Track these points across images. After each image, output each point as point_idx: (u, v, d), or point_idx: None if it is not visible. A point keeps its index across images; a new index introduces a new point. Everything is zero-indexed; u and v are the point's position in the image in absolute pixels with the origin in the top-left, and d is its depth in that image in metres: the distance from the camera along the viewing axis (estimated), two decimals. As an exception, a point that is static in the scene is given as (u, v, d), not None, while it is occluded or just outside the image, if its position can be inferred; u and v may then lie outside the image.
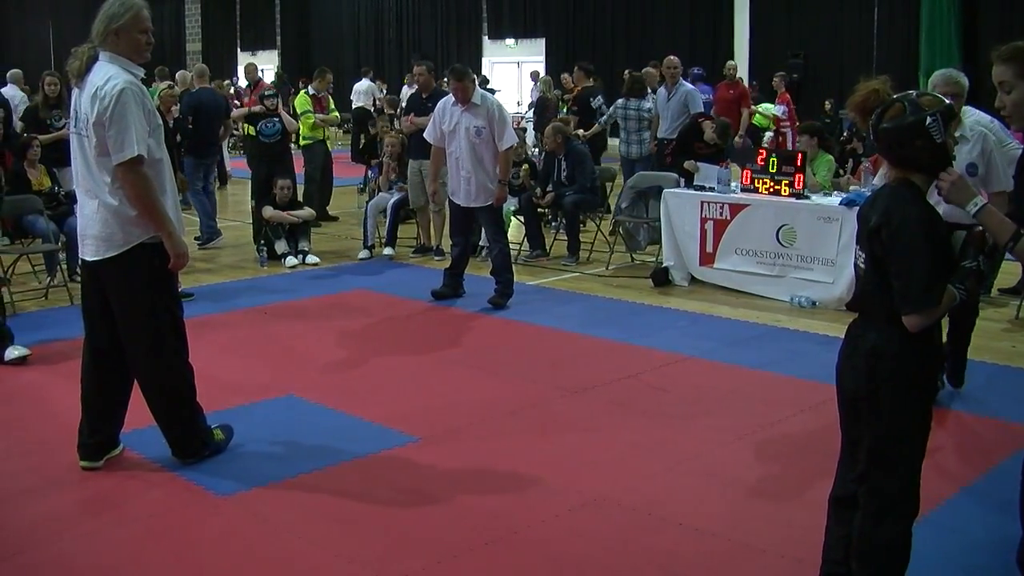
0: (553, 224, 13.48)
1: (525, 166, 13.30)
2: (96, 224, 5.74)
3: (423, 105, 12.46)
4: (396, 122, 17.95)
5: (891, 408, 3.96)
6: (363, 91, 25.29)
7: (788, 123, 20.17)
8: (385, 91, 27.59)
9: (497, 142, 9.94)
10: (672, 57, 14.81)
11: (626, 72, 17.88)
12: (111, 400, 6.11)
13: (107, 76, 5.58)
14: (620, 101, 14.73)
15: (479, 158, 9.96)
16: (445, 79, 13.83)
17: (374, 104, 25.67)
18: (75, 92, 5.82)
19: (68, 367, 8.23)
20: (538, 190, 12.60)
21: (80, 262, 6.12)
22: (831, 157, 11.27)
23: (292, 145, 13.96)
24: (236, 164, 20.01)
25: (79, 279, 9.99)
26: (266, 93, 13.82)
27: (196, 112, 13.57)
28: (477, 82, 11.06)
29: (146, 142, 5.60)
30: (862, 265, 4.09)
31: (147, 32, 5.80)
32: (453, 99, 10.09)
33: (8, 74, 19.27)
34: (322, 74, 15.97)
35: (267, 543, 5.14)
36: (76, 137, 5.78)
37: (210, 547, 5.11)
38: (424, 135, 10.53)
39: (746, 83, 26.07)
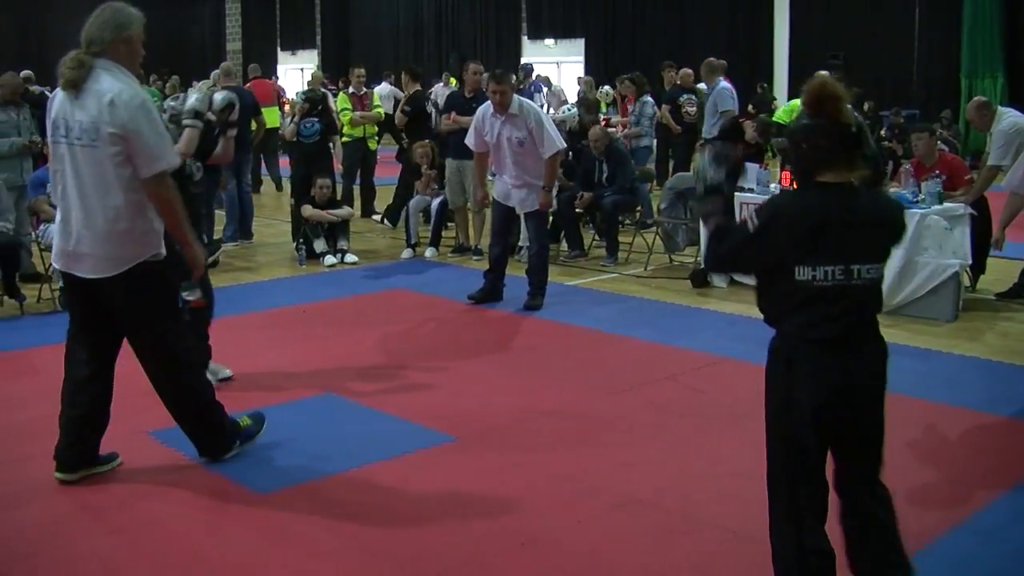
0: (590, 225, 13.49)
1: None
2: (99, 240, 5.55)
3: (467, 104, 12.47)
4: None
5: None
6: (384, 95, 25.26)
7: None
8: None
9: (540, 150, 9.83)
10: (708, 59, 14.83)
11: (680, 72, 17.91)
12: (99, 415, 6.04)
13: (119, 86, 5.43)
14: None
15: (524, 168, 9.93)
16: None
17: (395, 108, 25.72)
18: (60, 100, 5.59)
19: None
20: (581, 194, 12.55)
21: (66, 277, 5.85)
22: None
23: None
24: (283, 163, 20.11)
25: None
26: (305, 95, 13.86)
27: None
28: (530, 81, 11.05)
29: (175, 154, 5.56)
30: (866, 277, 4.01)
31: (144, 44, 5.75)
32: (492, 108, 9.99)
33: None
34: (352, 71, 16.08)
35: (303, 540, 5.17)
36: (68, 148, 5.53)
37: (247, 544, 5.14)
38: (466, 141, 10.48)
39: (785, 85, 26.07)
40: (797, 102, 19.92)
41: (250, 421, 6.32)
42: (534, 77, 24.84)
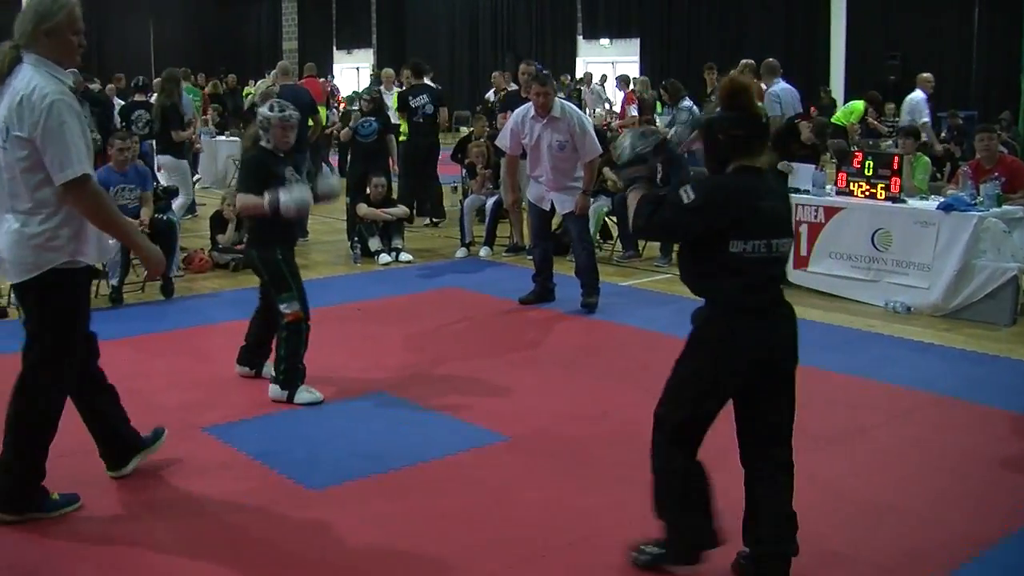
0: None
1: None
2: (10, 245, 5.12)
3: (522, 104, 12.50)
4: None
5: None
6: None
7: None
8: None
9: (580, 154, 9.77)
10: (767, 60, 14.73)
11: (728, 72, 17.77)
12: (114, 412, 5.95)
13: (34, 84, 4.93)
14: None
15: (562, 172, 9.88)
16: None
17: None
18: None
19: (165, 360, 8.42)
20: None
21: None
22: (928, 160, 11.13)
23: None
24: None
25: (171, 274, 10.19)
26: (363, 95, 13.95)
27: None
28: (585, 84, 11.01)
29: (90, 159, 5.09)
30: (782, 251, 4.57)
31: (80, 33, 5.23)
32: (532, 111, 9.91)
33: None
34: (403, 71, 16.18)
35: (355, 537, 5.19)
36: None
37: (299, 540, 5.18)
38: (497, 142, 10.43)
39: (842, 86, 25.87)
40: (858, 104, 19.81)
41: (58, 497, 5.49)
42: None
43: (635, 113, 18.12)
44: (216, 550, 5.07)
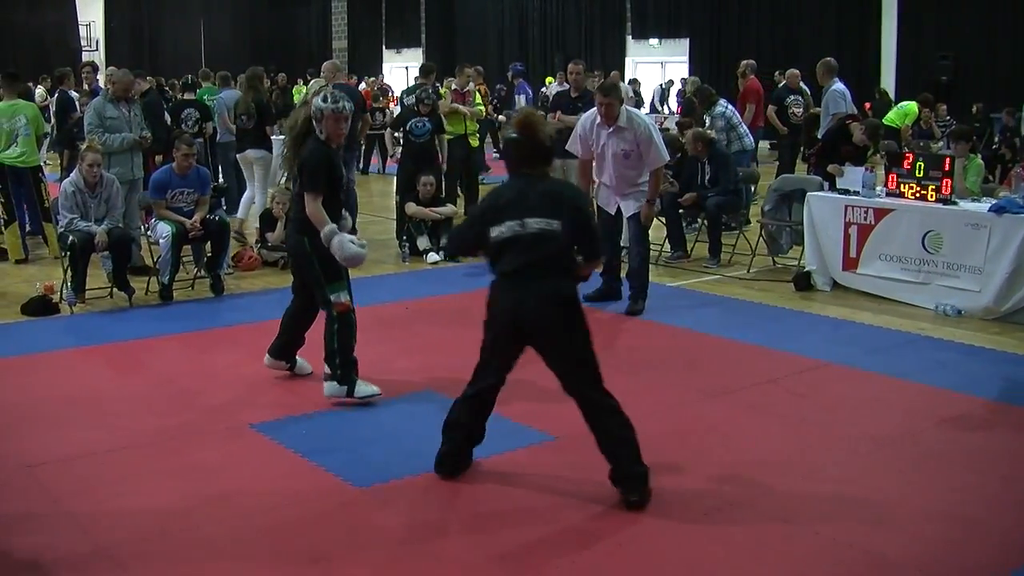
0: (693, 226, 13.44)
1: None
2: None
3: (572, 104, 12.52)
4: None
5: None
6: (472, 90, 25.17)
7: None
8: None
9: (646, 163, 9.70)
10: (825, 59, 14.65)
11: (776, 73, 17.67)
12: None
13: None
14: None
15: (628, 180, 9.85)
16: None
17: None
18: None
19: (214, 357, 8.48)
20: (685, 195, 12.49)
21: None
22: (981, 163, 11.04)
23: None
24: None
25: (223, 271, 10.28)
26: (422, 96, 13.97)
27: None
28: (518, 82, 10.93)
29: None
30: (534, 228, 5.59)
31: None
32: (598, 117, 9.82)
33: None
34: (461, 71, 16.20)
35: (401, 535, 5.22)
36: None
37: (347, 538, 5.20)
38: (568, 147, 10.38)
39: (893, 86, 25.65)
40: (912, 105, 19.62)
41: None
42: (521, 79, 24.74)
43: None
44: (264, 547, 5.11)
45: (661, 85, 31.76)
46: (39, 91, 20.54)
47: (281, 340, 7.78)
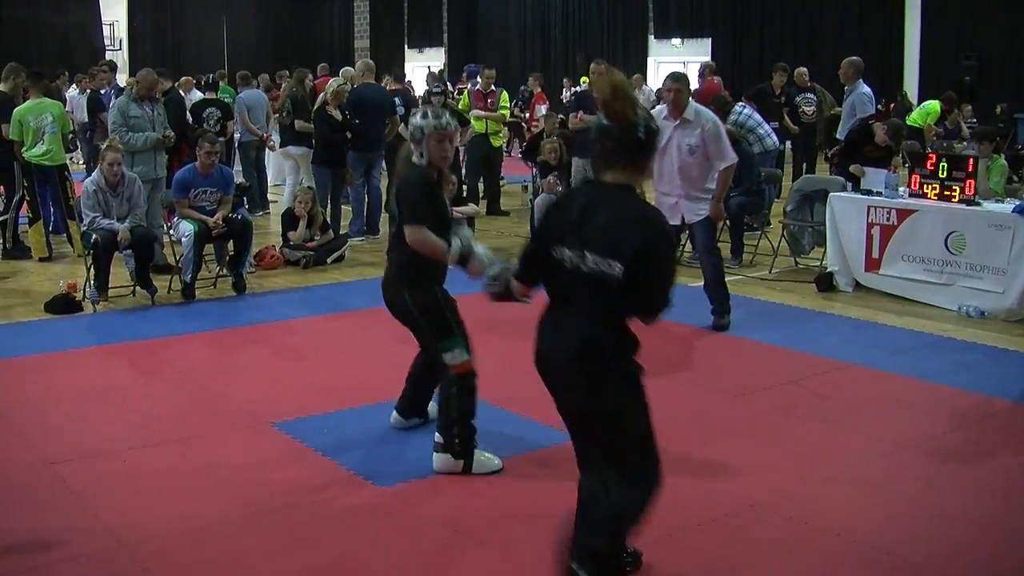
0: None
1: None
2: None
3: (595, 104, 12.49)
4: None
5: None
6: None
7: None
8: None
9: (714, 160, 9.14)
10: (853, 58, 14.56)
11: (795, 72, 17.55)
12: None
13: None
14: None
15: (691, 178, 9.22)
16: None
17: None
18: None
19: (236, 355, 8.50)
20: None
21: None
22: (1005, 163, 10.99)
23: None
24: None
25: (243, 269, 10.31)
26: (432, 90, 14.00)
27: (358, 107, 13.64)
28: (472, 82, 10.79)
29: None
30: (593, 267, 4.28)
31: None
32: (664, 112, 9.37)
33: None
34: (482, 71, 16.23)
35: (424, 535, 5.22)
36: None
37: (369, 536, 5.21)
38: None
39: (916, 86, 25.54)
40: (934, 104, 19.49)
41: None
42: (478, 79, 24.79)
43: (544, 113, 17.76)
44: (285, 545, 5.12)
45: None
46: (72, 90, 20.55)
47: (407, 396, 6.90)
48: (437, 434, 6.09)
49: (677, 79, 9.25)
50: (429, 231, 5.89)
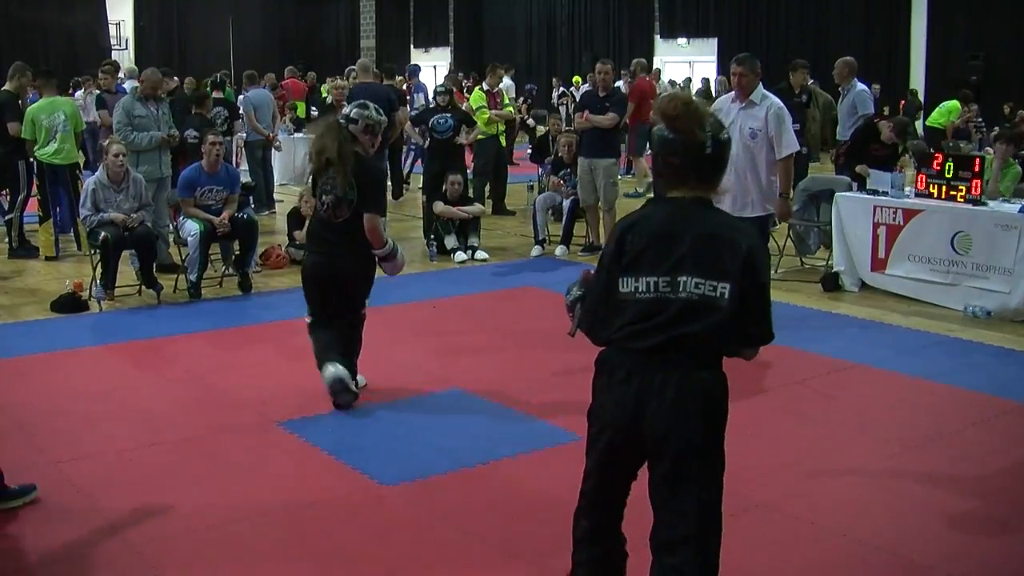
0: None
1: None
2: None
3: (600, 104, 12.49)
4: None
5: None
6: (503, 89, 24.91)
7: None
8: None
9: (775, 147, 8.95)
10: (847, 58, 14.51)
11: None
12: None
13: None
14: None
15: (753, 163, 8.96)
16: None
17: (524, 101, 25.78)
18: None
19: (241, 355, 8.50)
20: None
21: None
22: (1020, 169, 10.96)
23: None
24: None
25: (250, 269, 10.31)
26: (438, 89, 14.00)
27: None
28: (413, 82, 10.75)
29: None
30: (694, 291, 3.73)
31: None
32: (733, 95, 9.25)
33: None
34: (493, 70, 16.21)
35: (428, 533, 5.23)
36: None
37: (373, 535, 5.21)
38: None
39: (923, 86, 25.51)
40: (954, 103, 19.45)
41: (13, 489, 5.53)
42: (419, 78, 24.88)
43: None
44: (290, 545, 5.13)
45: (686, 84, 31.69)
46: (79, 94, 20.52)
47: (346, 360, 7.23)
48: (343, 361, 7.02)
49: (741, 62, 9.07)
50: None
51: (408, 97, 23.45)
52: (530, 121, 23.85)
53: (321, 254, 7.18)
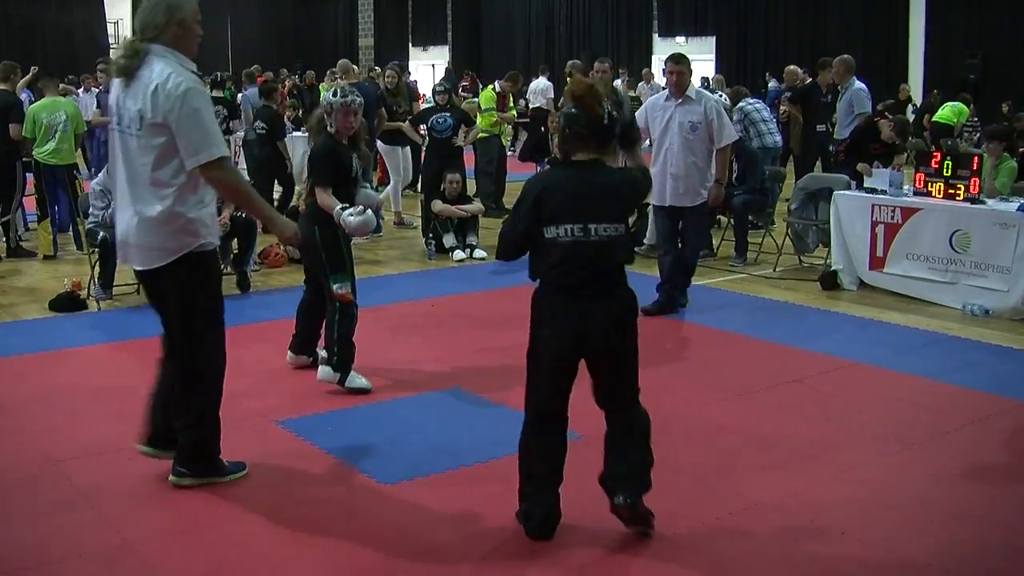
0: (718, 224, 13.41)
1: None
2: (143, 230, 5.36)
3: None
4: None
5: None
6: (540, 90, 24.73)
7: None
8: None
9: (715, 139, 9.52)
10: (845, 57, 14.53)
11: (785, 70, 17.59)
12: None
13: (167, 72, 5.22)
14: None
15: (693, 156, 9.50)
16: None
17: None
18: (116, 88, 5.42)
19: (241, 354, 8.51)
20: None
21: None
22: (1015, 164, 10.97)
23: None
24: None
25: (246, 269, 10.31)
26: (437, 88, 14.01)
27: None
28: None
29: (223, 142, 5.37)
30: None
31: (200, 23, 5.54)
32: (661, 97, 9.78)
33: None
34: (514, 77, 16.38)
35: (428, 532, 5.22)
36: (120, 136, 5.40)
37: (373, 535, 5.21)
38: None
39: (921, 84, 25.53)
40: (962, 106, 19.53)
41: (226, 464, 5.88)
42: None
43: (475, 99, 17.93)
44: (290, 544, 5.13)
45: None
46: (83, 93, 20.48)
47: (300, 336, 7.96)
48: (322, 351, 7.43)
49: (678, 60, 9.63)
50: (328, 194, 7.12)
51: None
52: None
53: None
